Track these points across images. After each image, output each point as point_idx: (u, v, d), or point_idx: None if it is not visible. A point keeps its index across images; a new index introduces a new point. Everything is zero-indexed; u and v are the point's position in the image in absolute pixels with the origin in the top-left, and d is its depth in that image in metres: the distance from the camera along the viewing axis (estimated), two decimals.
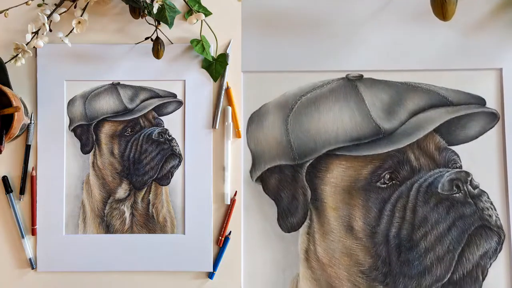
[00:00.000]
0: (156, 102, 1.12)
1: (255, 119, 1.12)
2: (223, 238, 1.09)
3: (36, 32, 1.03)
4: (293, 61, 1.12)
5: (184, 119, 1.12)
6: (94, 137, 1.12)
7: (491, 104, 1.10)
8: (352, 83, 1.11)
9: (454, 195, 1.06)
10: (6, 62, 1.07)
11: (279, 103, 1.12)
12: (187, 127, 1.11)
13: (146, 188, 1.12)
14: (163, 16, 1.06)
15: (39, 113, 1.11)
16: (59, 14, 1.05)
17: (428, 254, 1.06)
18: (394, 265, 1.07)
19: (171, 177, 1.11)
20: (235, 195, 1.10)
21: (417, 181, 1.07)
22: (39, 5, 1.09)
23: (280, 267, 1.09)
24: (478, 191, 1.07)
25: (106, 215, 1.11)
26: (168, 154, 1.11)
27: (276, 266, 1.09)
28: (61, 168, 1.11)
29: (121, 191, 1.12)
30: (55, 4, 1.06)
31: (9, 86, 1.07)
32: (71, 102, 1.12)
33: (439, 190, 1.06)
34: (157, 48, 1.06)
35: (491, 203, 1.07)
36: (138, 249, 1.10)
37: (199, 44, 1.09)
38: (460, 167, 1.09)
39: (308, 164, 1.09)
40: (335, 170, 1.09)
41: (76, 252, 1.09)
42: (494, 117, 1.10)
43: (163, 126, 1.12)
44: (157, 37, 1.06)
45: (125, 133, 1.12)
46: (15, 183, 1.11)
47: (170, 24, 1.07)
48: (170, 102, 1.12)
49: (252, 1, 1.13)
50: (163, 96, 1.12)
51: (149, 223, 1.11)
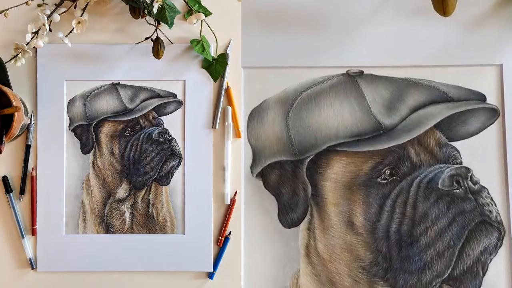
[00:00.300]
0: (156, 102, 1.12)
1: (255, 115, 1.12)
2: (223, 238, 1.09)
3: (36, 32, 1.04)
4: (293, 57, 1.12)
5: (184, 119, 1.12)
6: (94, 137, 1.12)
7: (492, 100, 1.11)
8: (353, 79, 1.11)
9: (455, 190, 1.06)
10: (6, 62, 1.07)
11: (279, 99, 1.12)
12: (187, 127, 1.12)
13: (146, 188, 1.11)
14: (163, 16, 1.06)
15: (39, 113, 1.11)
16: (59, 14, 1.05)
17: (428, 249, 1.06)
18: (394, 261, 1.06)
19: (171, 177, 1.11)
20: (235, 195, 1.10)
21: (417, 176, 1.07)
22: (39, 5, 1.09)
23: (281, 263, 1.09)
24: (479, 187, 1.07)
25: (106, 215, 1.11)
26: (168, 154, 1.11)
27: (276, 261, 1.09)
28: (61, 168, 1.11)
29: (121, 191, 1.12)
30: (55, 4, 1.06)
31: (9, 86, 1.07)
32: (71, 102, 1.12)
33: (439, 186, 1.06)
34: (157, 48, 1.06)
35: (492, 199, 1.07)
36: (138, 249, 1.09)
37: (199, 44, 1.10)
38: (461, 163, 1.09)
39: (308, 159, 1.09)
40: (335, 166, 1.09)
41: (76, 252, 1.09)
42: (494, 113, 1.10)
43: (163, 126, 1.12)
44: (157, 37, 1.07)
45: (125, 133, 1.12)
46: (15, 183, 1.11)
47: (170, 24, 1.07)
48: (170, 102, 1.12)
49: None
50: (163, 96, 1.12)
51: (149, 223, 1.11)
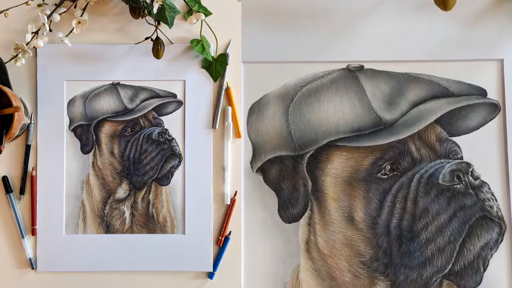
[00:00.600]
0: (156, 102, 1.12)
1: (255, 109, 1.12)
2: (223, 238, 1.09)
3: (36, 32, 1.04)
4: (293, 52, 1.13)
5: (184, 119, 1.12)
6: (94, 137, 1.12)
7: (492, 95, 1.10)
8: (353, 74, 1.11)
9: (455, 186, 1.06)
10: (6, 62, 1.07)
11: (279, 94, 1.12)
12: (187, 127, 1.12)
13: (146, 188, 1.11)
14: (163, 16, 1.07)
15: (39, 113, 1.11)
16: (59, 14, 1.05)
17: (429, 245, 1.06)
18: (395, 256, 1.06)
19: (171, 177, 1.11)
20: (235, 195, 1.10)
21: (418, 172, 1.07)
22: (39, 5, 1.10)
23: (281, 258, 1.09)
24: (479, 182, 1.07)
25: (106, 215, 1.11)
26: (168, 154, 1.11)
27: (276, 257, 1.09)
28: (61, 168, 1.11)
29: (121, 191, 1.11)
30: (55, 4, 1.06)
31: (9, 86, 1.07)
32: (71, 102, 1.12)
33: (440, 181, 1.06)
34: (157, 48, 1.07)
35: (492, 194, 1.07)
36: (138, 249, 1.09)
37: (199, 44, 1.10)
38: (461, 158, 1.09)
39: (308, 155, 1.09)
40: (336, 161, 1.08)
41: (76, 252, 1.09)
42: (495, 108, 1.10)
43: (163, 126, 1.12)
44: (157, 37, 1.07)
45: (125, 133, 1.12)
46: (15, 183, 1.11)
47: (170, 24, 1.07)
48: (170, 102, 1.12)
49: None
50: (163, 96, 1.12)
51: (149, 223, 1.10)
